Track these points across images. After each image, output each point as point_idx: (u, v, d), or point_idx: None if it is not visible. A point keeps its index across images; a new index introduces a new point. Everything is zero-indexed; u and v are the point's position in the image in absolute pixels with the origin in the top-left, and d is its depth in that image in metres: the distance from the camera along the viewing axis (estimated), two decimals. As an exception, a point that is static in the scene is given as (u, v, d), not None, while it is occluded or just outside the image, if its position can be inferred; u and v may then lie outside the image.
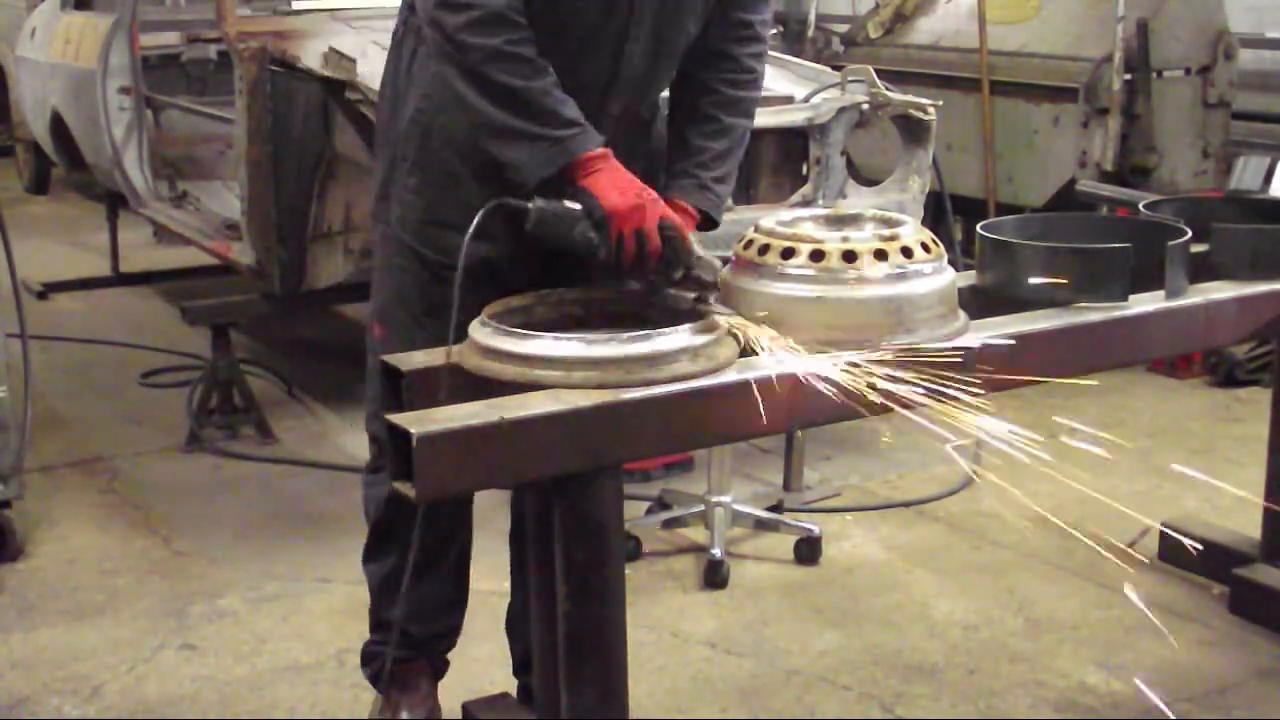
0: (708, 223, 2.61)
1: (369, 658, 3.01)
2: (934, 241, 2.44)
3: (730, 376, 2.25)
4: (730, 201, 4.27)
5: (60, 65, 6.76)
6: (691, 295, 2.41)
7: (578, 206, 2.37)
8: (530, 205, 2.37)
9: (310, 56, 4.68)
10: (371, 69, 4.01)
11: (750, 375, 2.27)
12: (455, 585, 2.96)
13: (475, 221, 2.29)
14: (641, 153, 2.68)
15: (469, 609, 3.33)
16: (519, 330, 2.26)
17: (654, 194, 2.40)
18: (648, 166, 2.67)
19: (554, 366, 2.18)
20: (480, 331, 2.28)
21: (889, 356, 2.28)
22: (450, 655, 3.07)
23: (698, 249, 2.40)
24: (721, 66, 2.63)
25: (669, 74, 2.66)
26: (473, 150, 2.51)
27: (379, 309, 2.75)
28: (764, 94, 4.64)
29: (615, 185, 2.36)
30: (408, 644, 2.94)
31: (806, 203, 4.34)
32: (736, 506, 3.98)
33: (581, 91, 2.47)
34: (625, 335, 2.23)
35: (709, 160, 2.60)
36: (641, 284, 2.48)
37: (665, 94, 2.73)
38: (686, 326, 2.27)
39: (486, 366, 2.23)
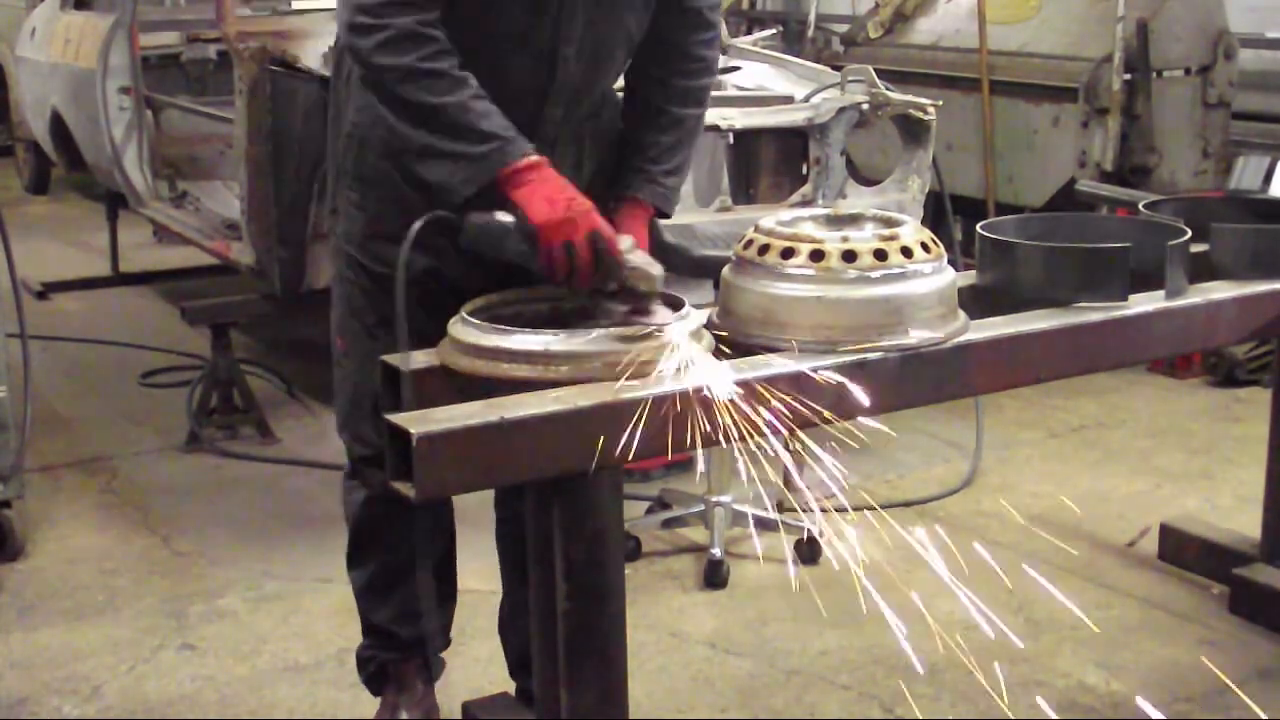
0: (661, 216, 2.61)
1: (363, 661, 3.02)
2: (934, 241, 2.44)
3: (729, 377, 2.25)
4: (729, 200, 4.31)
5: (60, 65, 6.76)
6: (624, 308, 2.32)
7: (510, 219, 2.32)
8: (463, 220, 2.33)
9: (310, 56, 4.68)
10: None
11: (749, 375, 2.27)
12: (439, 586, 2.95)
13: (410, 237, 2.26)
14: (592, 145, 2.64)
15: (469, 609, 3.33)
16: (499, 326, 2.27)
17: (586, 205, 2.32)
18: (601, 158, 2.65)
19: (534, 361, 2.19)
20: (460, 329, 2.28)
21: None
22: (450, 655, 3.07)
23: (634, 258, 2.31)
24: (672, 57, 2.60)
25: (613, 74, 2.61)
26: None
27: (337, 322, 2.75)
28: (764, 94, 4.71)
29: (544, 197, 2.29)
30: (397, 646, 2.95)
31: (806, 203, 4.34)
32: (736, 506, 3.98)
33: (517, 99, 2.43)
34: (603, 329, 2.24)
35: (659, 154, 2.58)
36: (582, 296, 2.39)
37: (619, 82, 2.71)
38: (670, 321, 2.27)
39: (469, 364, 2.23)
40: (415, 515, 2.72)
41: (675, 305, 2.35)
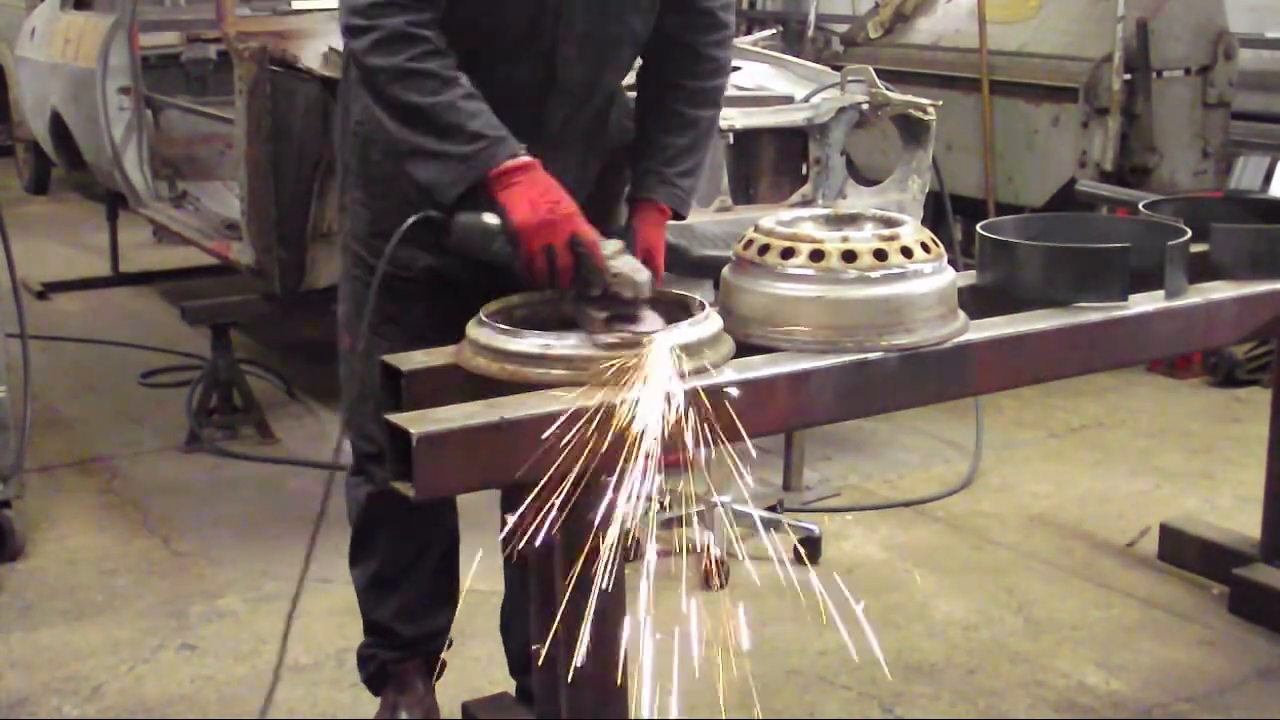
0: (676, 217, 2.61)
1: (363, 661, 3.02)
2: (934, 241, 2.44)
3: (729, 376, 2.25)
4: (729, 200, 4.31)
5: (60, 65, 6.76)
6: (604, 314, 2.25)
7: (496, 220, 2.30)
8: (452, 219, 2.31)
9: (310, 56, 4.68)
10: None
11: (750, 375, 2.27)
12: (441, 585, 2.95)
13: (397, 236, 2.27)
14: (599, 144, 2.64)
15: (469, 609, 3.33)
16: (515, 329, 2.26)
17: (570, 208, 2.28)
18: (608, 158, 2.65)
19: (551, 365, 2.18)
20: (477, 330, 2.28)
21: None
22: (450, 655, 3.07)
23: (618, 264, 2.27)
24: (684, 58, 2.59)
25: (619, 75, 2.60)
26: None
27: (344, 319, 2.76)
28: (764, 94, 4.71)
29: (527, 199, 2.27)
30: (398, 645, 2.95)
31: (806, 203, 4.34)
32: (736, 506, 3.97)
33: (520, 98, 2.43)
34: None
35: (673, 156, 2.57)
36: (567, 300, 2.35)
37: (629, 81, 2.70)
38: (684, 323, 2.26)
39: (483, 366, 2.23)
40: (417, 514, 2.73)
41: (695, 309, 2.32)
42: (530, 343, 2.21)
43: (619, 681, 2.31)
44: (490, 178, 2.28)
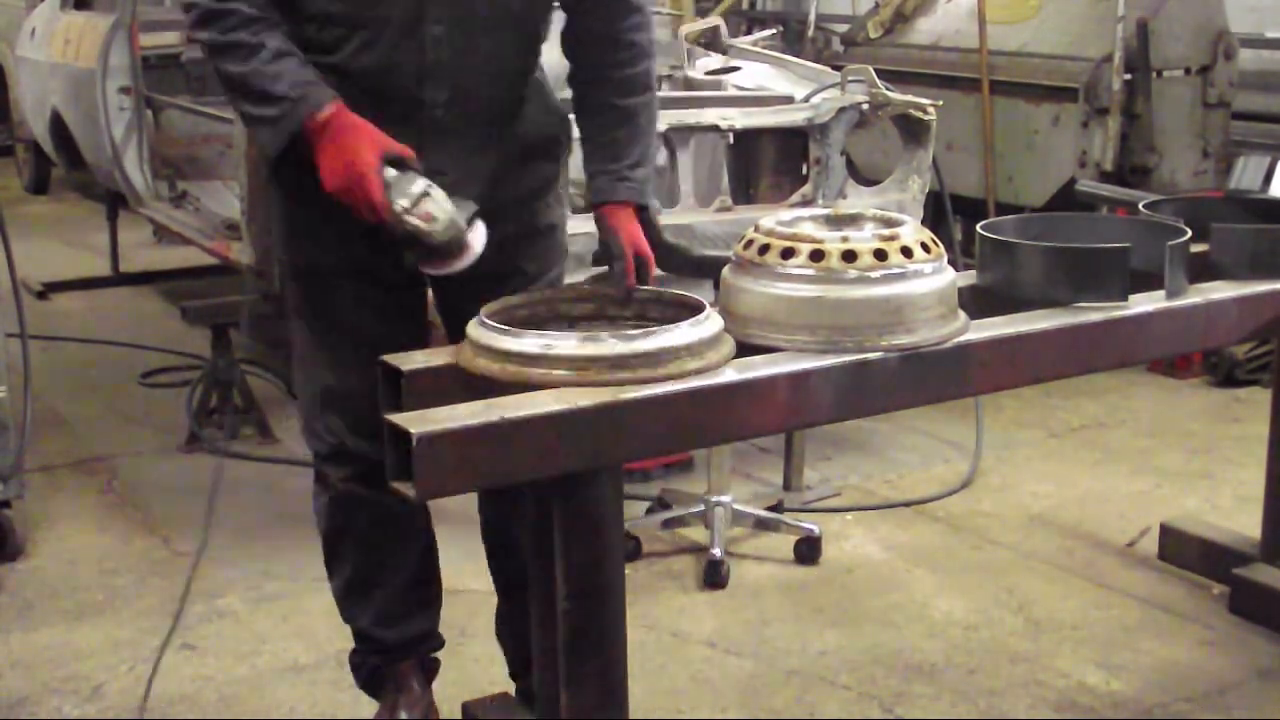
0: (641, 208, 2.59)
1: (355, 667, 3.01)
2: (934, 241, 2.44)
3: (730, 376, 2.25)
4: (729, 200, 4.31)
5: (60, 65, 6.76)
6: (415, 256, 2.42)
7: None
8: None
9: (310, 56, 4.67)
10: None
11: (750, 375, 2.27)
12: (418, 589, 2.93)
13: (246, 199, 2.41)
14: (507, 140, 2.61)
15: (469, 609, 3.33)
16: (515, 329, 2.26)
17: (364, 167, 2.33)
18: (512, 160, 2.63)
19: (552, 365, 2.18)
20: (478, 331, 2.28)
21: None
22: (450, 655, 3.07)
23: (416, 215, 2.35)
24: (605, 48, 2.58)
25: (503, 59, 2.55)
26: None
27: (290, 322, 2.79)
28: (764, 94, 4.71)
29: (328, 165, 2.35)
30: (383, 650, 2.93)
31: (806, 203, 4.34)
32: (736, 506, 3.98)
33: (395, 77, 2.46)
34: (623, 333, 2.23)
35: (618, 150, 2.57)
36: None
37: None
38: (685, 323, 2.26)
39: (484, 366, 2.23)
40: (384, 516, 2.73)
41: (696, 309, 2.33)
42: (531, 343, 2.21)
43: (619, 681, 2.31)
44: (303, 134, 2.36)
